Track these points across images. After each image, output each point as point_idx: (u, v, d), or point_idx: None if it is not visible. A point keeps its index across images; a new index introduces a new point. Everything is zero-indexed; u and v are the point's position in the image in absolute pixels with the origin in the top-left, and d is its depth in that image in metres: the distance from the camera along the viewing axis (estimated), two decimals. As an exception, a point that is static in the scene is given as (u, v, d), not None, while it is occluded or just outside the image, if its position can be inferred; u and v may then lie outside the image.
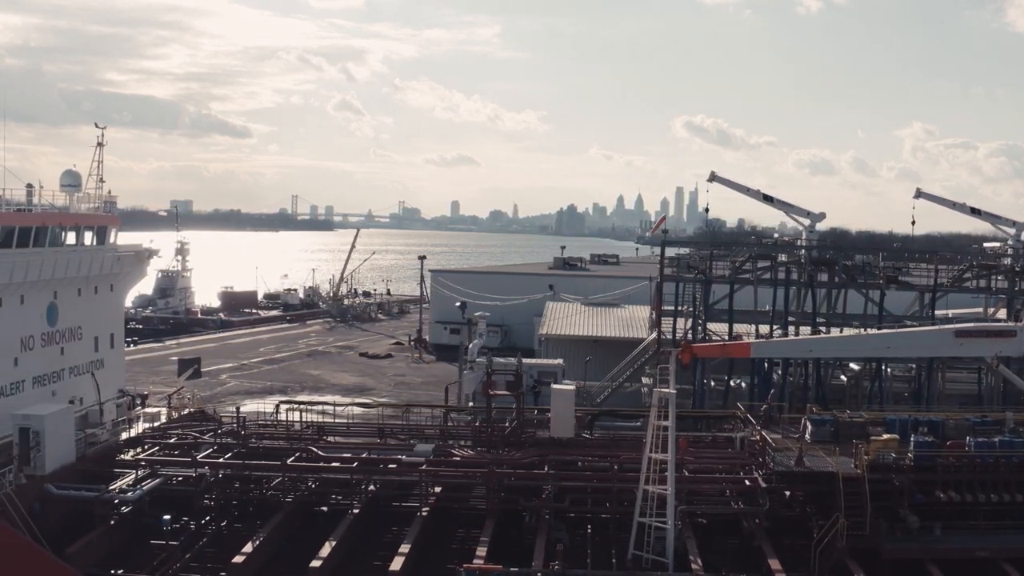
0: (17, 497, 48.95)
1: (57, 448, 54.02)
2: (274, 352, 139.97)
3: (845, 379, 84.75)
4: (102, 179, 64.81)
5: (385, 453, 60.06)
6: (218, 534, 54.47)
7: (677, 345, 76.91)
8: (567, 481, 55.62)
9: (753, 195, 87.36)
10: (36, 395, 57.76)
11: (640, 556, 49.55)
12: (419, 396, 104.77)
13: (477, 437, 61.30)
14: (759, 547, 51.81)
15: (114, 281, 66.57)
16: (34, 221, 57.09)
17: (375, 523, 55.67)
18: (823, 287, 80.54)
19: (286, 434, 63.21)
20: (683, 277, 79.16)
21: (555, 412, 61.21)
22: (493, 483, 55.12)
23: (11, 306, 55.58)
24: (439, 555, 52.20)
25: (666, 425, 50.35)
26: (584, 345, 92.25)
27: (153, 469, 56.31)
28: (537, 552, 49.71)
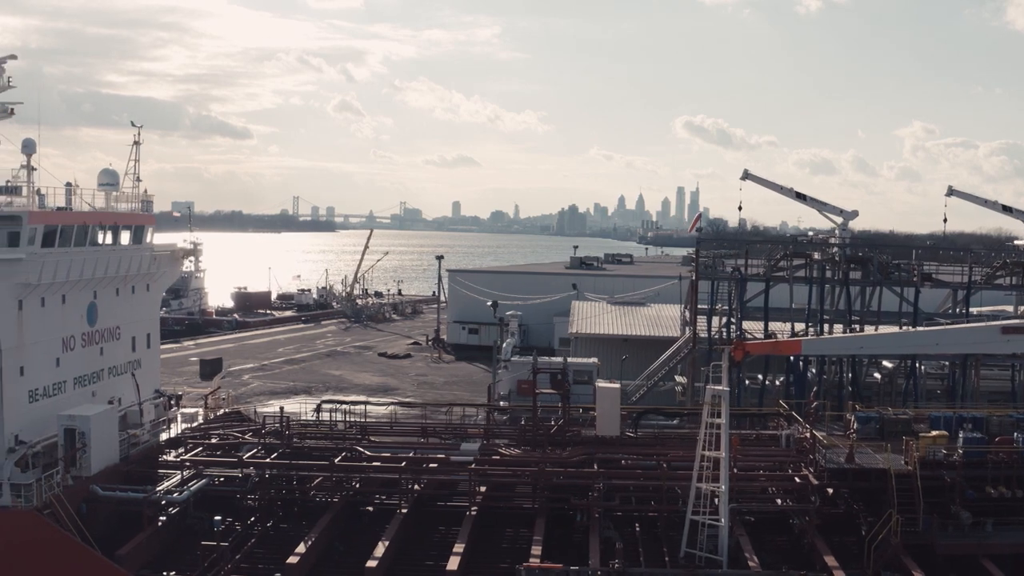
0: (65, 498, 48.53)
1: (102, 449, 53.55)
2: (293, 352, 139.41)
3: (879, 376, 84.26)
4: (138, 178, 64.25)
5: (430, 452, 59.47)
6: (265, 534, 53.93)
7: (713, 343, 76.67)
8: (617, 479, 55.23)
9: (786, 193, 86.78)
10: (77, 396, 57.25)
11: (693, 554, 49.14)
12: (443, 396, 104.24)
13: (522, 436, 60.67)
14: (812, 544, 51.44)
15: (150, 281, 66.01)
16: (75, 220, 56.49)
17: (423, 523, 55.09)
18: (857, 285, 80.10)
19: (330, 434, 62.62)
20: (718, 275, 78.53)
21: (601, 410, 60.73)
22: (543, 482, 54.59)
23: (53, 306, 55.06)
24: (491, 554, 51.72)
25: (719, 422, 49.74)
26: (613, 344, 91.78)
27: (198, 470, 55.77)
28: (592, 551, 49.31)
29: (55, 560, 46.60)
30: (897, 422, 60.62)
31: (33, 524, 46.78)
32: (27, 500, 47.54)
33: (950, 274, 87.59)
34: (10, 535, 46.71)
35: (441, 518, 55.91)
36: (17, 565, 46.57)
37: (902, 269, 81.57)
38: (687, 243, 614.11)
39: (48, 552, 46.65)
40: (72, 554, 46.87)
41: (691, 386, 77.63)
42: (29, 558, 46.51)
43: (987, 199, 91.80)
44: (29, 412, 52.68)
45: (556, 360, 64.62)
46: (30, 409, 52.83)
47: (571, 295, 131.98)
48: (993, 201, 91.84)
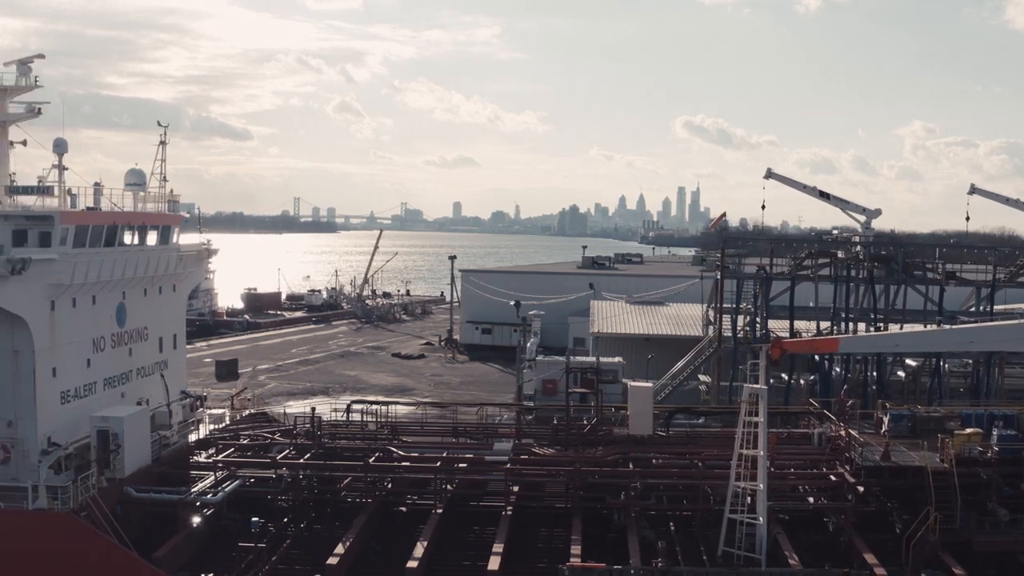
0: (100, 501, 48.20)
1: (135, 451, 53.24)
2: (307, 353, 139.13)
3: (903, 375, 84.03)
4: (165, 178, 63.77)
5: (462, 452, 59.14)
6: (299, 535, 53.53)
7: (739, 342, 76.49)
8: (653, 479, 54.95)
9: (809, 192, 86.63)
10: (107, 397, 56.91)
11: (731, 552, 48.85)
12: (461, 396, 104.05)
13: (554, 435, 60.32)
14: (849, 542, 51.22)
15: (176, 281, 65.66)
16: (105, 220, 56.14)
17: (456, 523, 54.72)
18: (883, 283, 79.90)
19: (361, 434, 62.26)
20: (744, 274, 78.26)
21: (633, 410, 60.40)
22: (578, 482, 54.29)
23: (84, 307, 54.73)
24: (528, 554, 51.36)
25: (757, 421, 49.42)
26: (635, 343, 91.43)
27: (230, 471, 55.39)
28: (632, 550, 49.04)
29: (94, 563, 46.23)
30: (929, 420, 60.80)
31: (71, 527, 46.43)
32: (63, 503, 47.17)
33: (972, 272, 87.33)
34: (48, 538, 46.39)
35: (474, 518, 55.58)
36: (55, 568, 46.22)
37: (926, 268, 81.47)
38: (689, 243, 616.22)
39: (87, 555, 46.28)
40: (111, 557, 46.51)
41: (716, 385, 77.34)
42: (67, 561, 46.15)
43: (1009, 197, 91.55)
44: (61, 414, 52.36)
45: (588, 360, 64.18)
46: (62, 411, 52.50)
47: (587, 295, 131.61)
48: (1016, 199, 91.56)
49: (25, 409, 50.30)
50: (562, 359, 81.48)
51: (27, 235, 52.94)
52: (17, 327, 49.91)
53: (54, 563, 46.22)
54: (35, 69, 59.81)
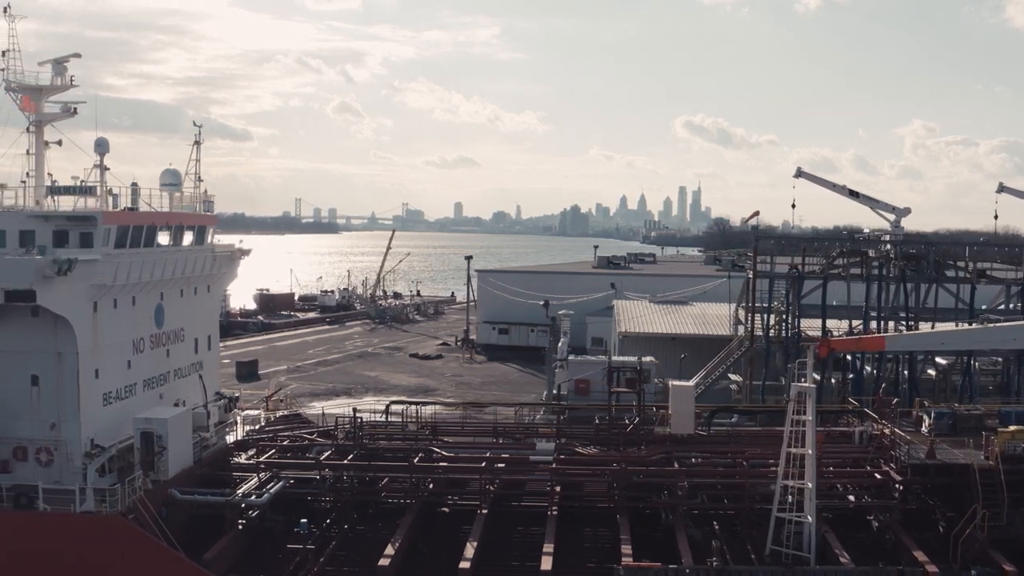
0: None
1: (178, 452, 52.86)
2: (324, 354, 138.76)
3: (933, 373, 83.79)
4: (200, 178, 63.39)
5: (504, 452, 58.79)
6: (344, 536, 53.09)
7: (770, 341, 76.24)
8: (699, 478, 54.69)
9: (839, 191, 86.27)
10: (146, 398, 56.51)
11: (779, 551, 48.54)
12: (483, 396, 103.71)
13: (596, 435, 59.96)
14: (896, 540, 51.06)
15: (211, 282, 65.30)
16: (145, 221, 55.76)
17: (500, 523, 54.26)
18: (914, 282, 79.62)
19: (402, 435, 61.87)
20: (776, 274, 77.88)
21: (675, 409, 60.06)
22: (624, 481, 53.97)
23: (124, 308, 54.33)
24: (577, 553, 50.85)
25: (805, 420, 49.10)
26: (661, 343, 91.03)
27: (273, 472, 54.99)
28: (683, 549, 48.71)
29: (144, 566, 45.87)
30: (970, 418, 60.93)
31: (120, 530, 46.08)
32: (112, 505, 46.78)
33: (1002, 270, 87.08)
34: (97, 541, 46.05)
35: (517, 518, 55.20)
36: (104, 571, 45.85)
37: (956, 266, 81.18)
38: (691, 242, 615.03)
39: (136, 558, 45.92)
40: (161, 559, 46.16)
41: (749, 384, 76.99)
42: (116, 564, 45.81)
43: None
44: (103, 415, 51.93)
45: (629, 360, 63.82)
46: (104, 412, 52.08)
47: (607, 294, 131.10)
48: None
49: (68, 411, 49.81)
50: (594, 359, 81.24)
51: (68, 236, 52.60)
52: (60, 328, 49.46)
53: (103, 566, 45.89)
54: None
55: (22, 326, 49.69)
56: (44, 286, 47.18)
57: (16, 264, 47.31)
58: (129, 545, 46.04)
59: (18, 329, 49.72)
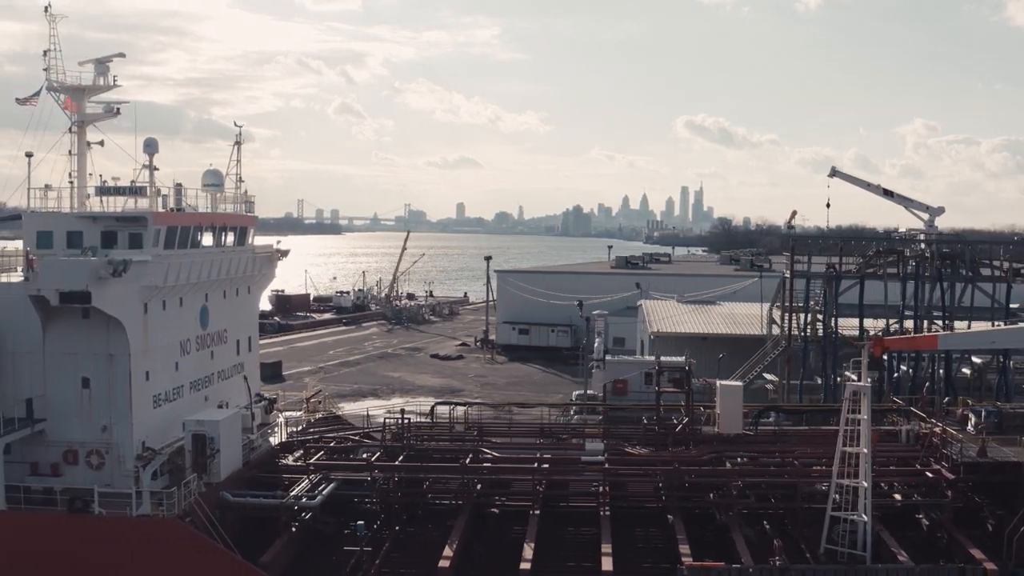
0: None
1: (228, 454, 52.51)
2: (345, 355, 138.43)
3: (968, 372, 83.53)
4: (241, 178, 63.09)
5: (554, 453, 58.46)
6: (396, 538, 52.71)
7: (806, 340, 75.99)
8: (752, 478, 54.51)
9: (874, 190, 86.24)
10: (192, 400, 56.18)
11: (834, 550, 48.28)
12: (511, 396, 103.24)
13: (645, 435, 59.65)
14: (950, 538, 50.92)
15: (251, 283, 64.99)
16: (192, 221, 55.48)
17: (552, 523, 53.82)
18: (950, 281, 79.39)
19: (449, 435, 61.54)
20: (813, 273, 77.59)
21: (723, 408, 59.82)
22: (677, 481, 53.68)
23: (172, 309, 54.01)
24: (634, 553, 50.46)
25: (860, 418, 48.83)
26: (692, 343, 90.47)
27: (323, 474, 54.63)
28: (741, 549, 48.46)
29: (204, 569, 45.52)
30: (1015, 416, 61.03)
31: (179, 533, 45.76)
32: (169, 509, 46.45)
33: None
34: (156, 544, 45.72)
35: (568, 518, 54.86)
36: (165, 574, 45.49)
37: (992, 265, 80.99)
38: (694, 242, 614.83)
39: (196, 561, 45.57)
40: (221, 562, 45.83)
41: (787, 384, 76.71)
42: (175, 567, 45.45)
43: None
44: (153, 417, 51.59)
45: (676, 360, 63.56)
46: (154, 414, 51.73)
47: (631, 295, 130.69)
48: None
49: (120, 414, 49.38)
50: (631, 359, 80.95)
51: (116, 236, 52.35)
52: (112, 330, 49.09)
53: (162, 570, 45.50)
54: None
55: (72, 328, 49.38)
56: (99, 287, 46.87)
57: (72, 265, 46.99)
58: (189, 549, 45.67)
59: (69, 331, 49.41)
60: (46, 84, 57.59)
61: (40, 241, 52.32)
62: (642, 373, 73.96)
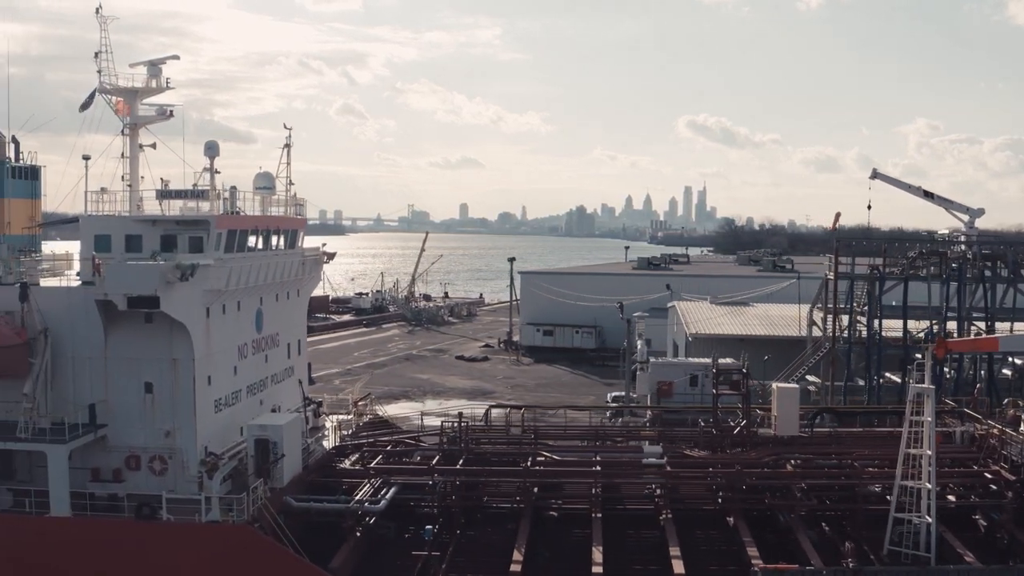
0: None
1: (291, 459, 52.35)
2: (370, 357, 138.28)
3: (1009, 373, 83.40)
4: (291, 181, 62.82)
5: (611, 455, 58.27)
6: (458, 542, 52.23)
7: (851, 342, 75.82)
8: (814, 479, 54.40)
9: (914, 192, 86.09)
10: (249, 404, 56.02)
11: (897, 551, 48.05)
12: (542, 398, 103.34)
13: (701, 438, 59.44)
14: (1012, 538, 50.72)
15: (300, 286, 64.82)
16: (250, 225, 55.34)
17: (613, 526, 53.49)
18: (991, 282, 79.25)
19: (506, 438, 61.37)
20: (857, 275, 77.34)
21: (780, 410, 59.61)
22: (739, 483, 53.48)
23: (231, 313, 53.83)
24: (702, 556, 50.19)
25: (924, 420, 48.66)
26: (728, 345, 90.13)
27: (384, 478, 54.39)
28: (808, 551, 48.30)
29: (274, 575, 45.28)
30: (1066, 416, 60.41)
31: (250, 539, 45.52)
32: (239, 515, 46.23)
33: None
34: (227, 551, 45.54)
35: (628, 522, 54.53)
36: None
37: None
38: (699, 242, 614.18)
39: (267, 567, 45.35)
40: (292, 569, 45.59)
41: (832, 386, 76.48)
42: (247, 573, 45.22)
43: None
44: (214, 422, 51.44)
45: (728, 362, 63.32)
46: (215, 419, 51.58)
47: (659, 296, 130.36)
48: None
49: (184, 419, 49.15)
50: (676, 360, 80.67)
51: (176, 240, 52.16)
52: (176, 335, 48.86)
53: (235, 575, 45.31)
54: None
55: (135, 332, 49.14)
56: (166, 292, 46.69)
57: (140, 270, 46.75)
58: (260, 555, 45.43)
59: (131, 336, 49.18)
60: (98, 87, 57.54)
61: (98, 245, 52.07)
62: (687, 375, 73.71)
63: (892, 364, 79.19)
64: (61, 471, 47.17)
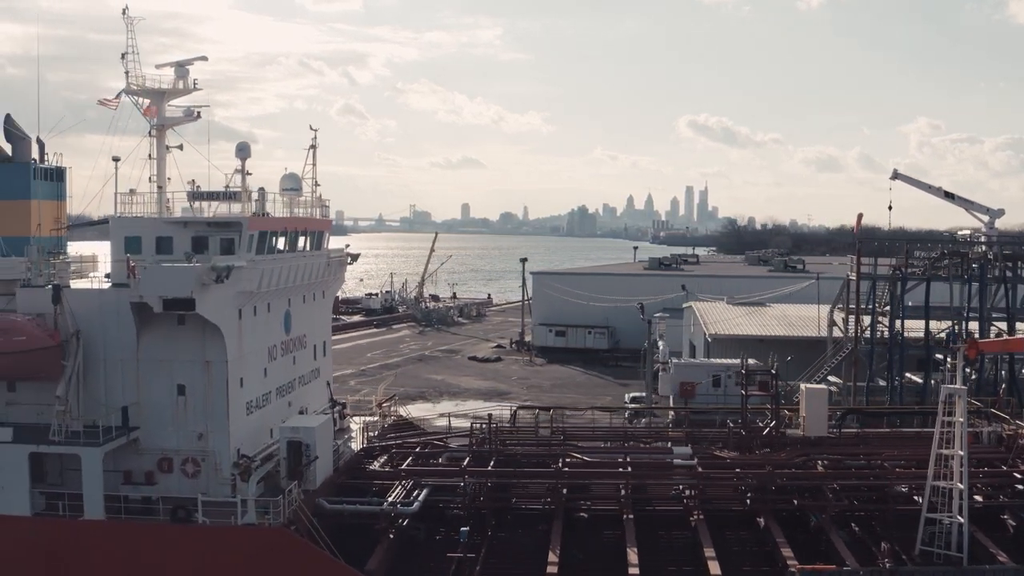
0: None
1: (322, 461, 52.28)
2: (383, 357, 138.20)
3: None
4: (317, 182, 62.71)
5: (641, 456, 58.16)
6: (490, 544, 52.08)
7: (873, 343, 75.77)
8: (845, 480, 54.40)
9: (935, 193, 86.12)
10: (278, 407, 55.96)
11: (929, 551, 47.98)
12: (559, 399, 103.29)
13: (728, 438, 59.38)
14: None
15: (325, 287, 64.76)
16: (280, 226, 55.26)
17: (644, 527, 53.38)
18: (1016, 282, 79.25)
19: (535, 440, 61.31)
20: (879, 275, 77.24)
21: (809, 411, 59.59)
22: (770, 484, 53.42)
23: (261, 315, 53.77)
24: (736, 557, 50.08)
25: (956, 421, 48.59)
26: (749, 345, 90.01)
27: (415, 480, 54.29)
28: (842, 551, 48.26)
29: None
30: (1090, 416, 60.79)
31: (287, 542, 45.47)
32: (275, 517, 46.16)
33: None
34: (264, 554, 45.47)
35: (658, 522, 54.37)
36: (275, 583, 45.21)
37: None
38: (701, 242, 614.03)
39: (304, 570, 45.27)
40: (329, 571, 45.54)
41: (854, 386, 76.42)
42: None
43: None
44: (247, 424, 51.39)
45: (754, 364, 63.32)
46: (247, 421, 51.52)
47: (674, 296, 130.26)
48: None
49: (217, 421, 49.03)
50: (698, 361, 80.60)
51: (207, 242, 52.04)
52: (209, 337, 48.77)
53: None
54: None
55: (168, 334, 49.08)
56: (201, 294, 46.61)
57: (177, 272, 46.63)
58: (297, 558, 45.35)
59: (164, 338, 49.12)
60: (125, 88, 57.48)
61: (128, 246, 51.91)
62: (710, 376, 73.64)
63: (910, 364, 79.36)
64: (96, 474, 47.17)
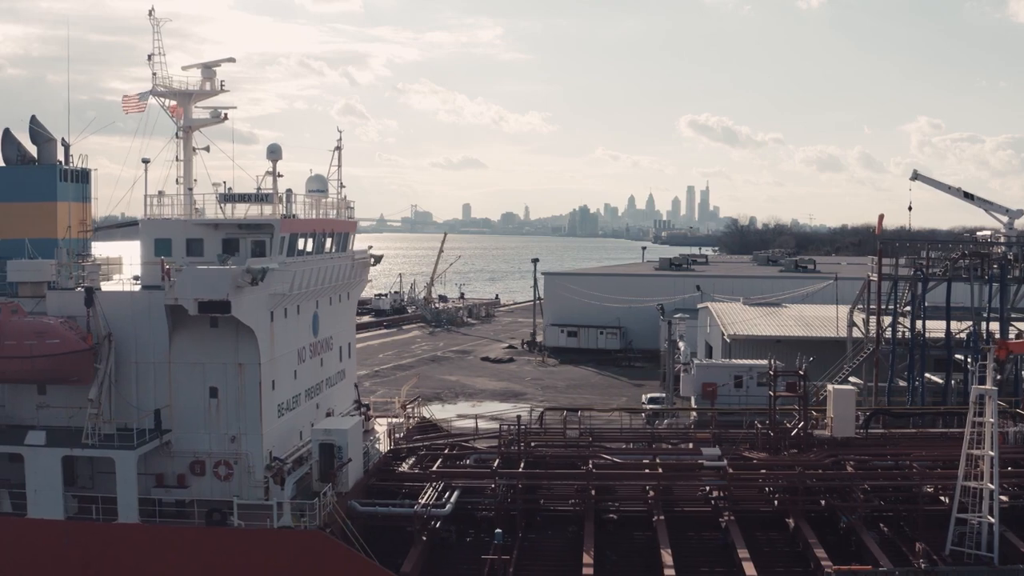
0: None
1: (355, 463, 52.27)
2: (396, 358, 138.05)
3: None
4: (342, 183, 62.70)
5: (670, 458, 58.14)
6: (521, 546, 51.94)
7: (894, 343, 75.78)
8: (875, 481, 54.44)
9: (954, 193, 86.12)
10: (307, 409, 55.96)
11: (960, 552, 48.02)
12: (575, 399, 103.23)
13: (757, 439, 59.38)
14: None
15: (351, 289, 64.76)
16: (309, 228, 55.25)
17: (675, 529, 53.29)
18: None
19: (563, 441, 61.29)
20: (900, 276, 77.16)
21: (836, 412, 59.66)
22: (800, 485, 53.41)
23: (292, 317, 53.76)
24: (769, 558, 50.07)
25: (986, 421, 48.63)
26: (767, 346, 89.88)
27: (446, 482, 54.24)
28: (875, 551, 48.31)
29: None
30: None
31: (322, 545, 45.48)
32: (311, 520, 46.14)
33: None
34: (300, 557, 45.50)
35: (688, 523, 54.38)
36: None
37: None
38: (703, 242, 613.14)
39: (341, 572, 45.33)
40: (365, 573, 45.51)
41: (876, 387, 76.36)
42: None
43: None
44: (278, 427, 51.37)
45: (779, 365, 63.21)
46: (279, 424, 51.51)
47: (691, 296, 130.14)
48: None
49: (250, 424, 48.88)
50: (719, 362, 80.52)
51: (238, 244, 52.03)
52: (242, 339, 48.67)
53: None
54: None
55: (200, 337, 49.02)
56: (236, 296, 46.54)
57: (213, 274, 46.53)
58: (333, 560, 45.40)
59: (196, 340, 49.04)
60: (152, 89, 57.43)
61: (159, 248, 51.89)
62: (732, 376, 73.60)
63: (928, 365, 79.42)
64: (130, 477, 47.10)
